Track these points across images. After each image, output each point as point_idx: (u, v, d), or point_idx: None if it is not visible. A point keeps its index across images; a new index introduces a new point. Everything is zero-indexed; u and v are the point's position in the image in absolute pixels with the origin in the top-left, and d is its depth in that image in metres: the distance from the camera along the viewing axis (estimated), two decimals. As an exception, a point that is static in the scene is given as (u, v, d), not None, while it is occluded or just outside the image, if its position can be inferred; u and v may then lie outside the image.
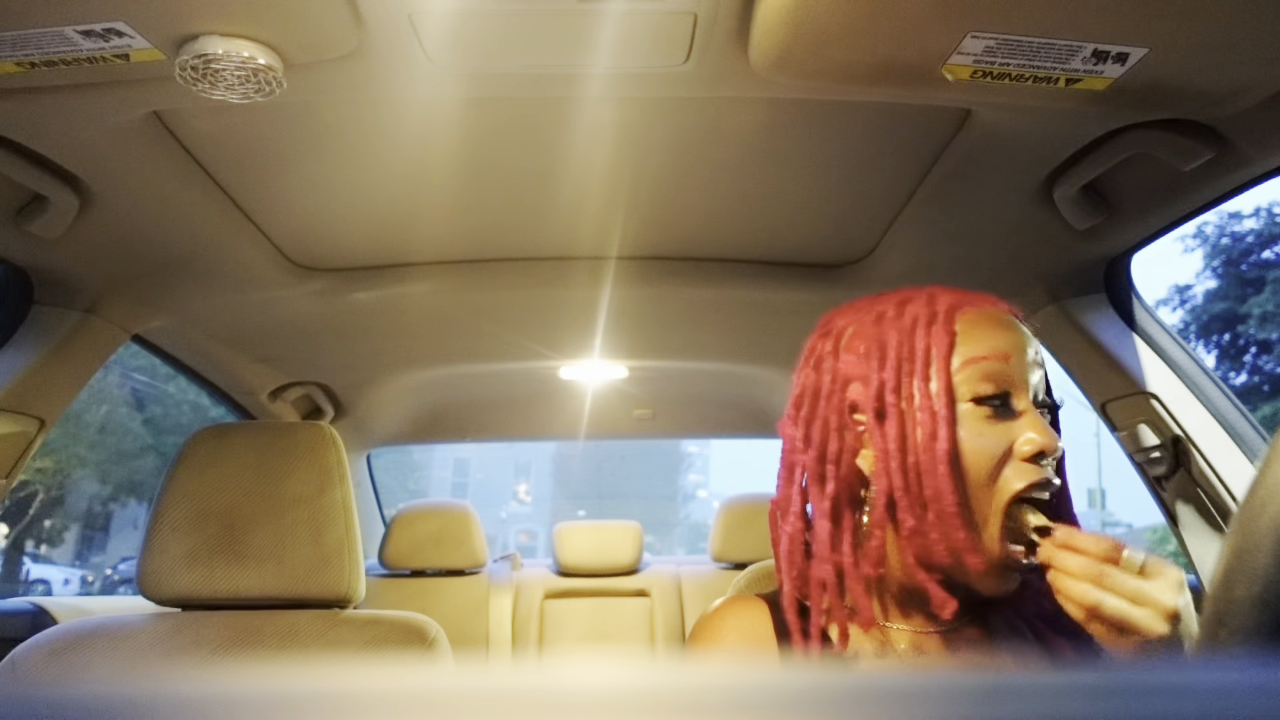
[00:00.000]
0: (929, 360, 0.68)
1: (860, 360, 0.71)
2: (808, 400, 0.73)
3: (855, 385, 0.70)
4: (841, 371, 0.71)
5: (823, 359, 0.74)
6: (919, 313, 0.71)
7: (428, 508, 2.36)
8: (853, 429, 0.70)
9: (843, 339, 0.73)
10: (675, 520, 30.25)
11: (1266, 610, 0.36)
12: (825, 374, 0.72)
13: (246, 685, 0.20)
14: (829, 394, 0.71)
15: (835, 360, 0.72)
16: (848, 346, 0.73)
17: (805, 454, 0.71)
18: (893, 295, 0.75)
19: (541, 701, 0.19)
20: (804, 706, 0.19)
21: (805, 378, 0.74)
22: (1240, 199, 15.12)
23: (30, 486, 12.18)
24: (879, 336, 0.71)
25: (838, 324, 0.76)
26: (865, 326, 0.73)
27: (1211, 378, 1.29)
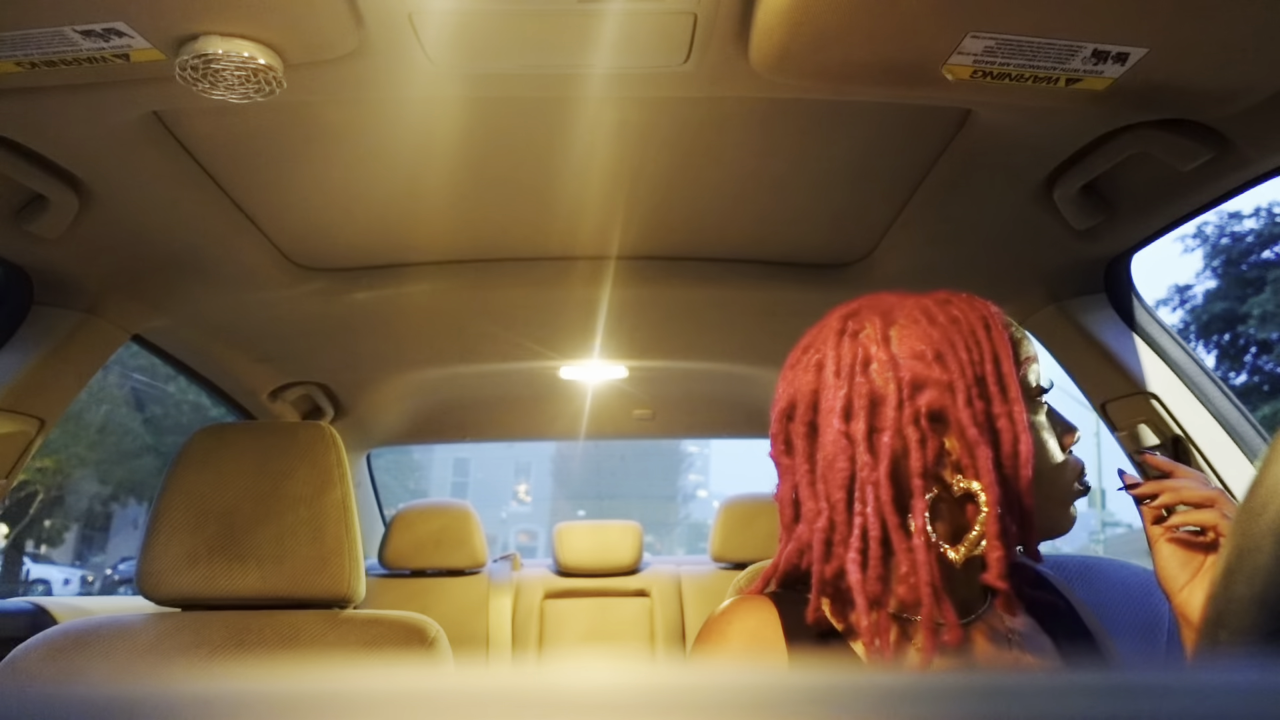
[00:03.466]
0: (999, 363, 0.67)
1: (929, 365, 0.66)
2: (864, 409, 0.66)
3: (930, 391, 0.66)
4: (907, 377, 0.66)
5: (869, 362, 0.68)
6: (970, 314, 0.69)
7: (428, 508, 2.36)
8: (934, 440, 0.66)
9: (890, 342, 0.68)
10: (675, 520, 30.26)
11: (1266, 610, 0.36)
12: (886, 380, 0.67)
13: (246, 685, 0.20)
14: (899, 402, 0.66)
15: (895, 366, 0.67)
16: (906, 351, 0.67)
17: (875, 471, 0.65)
18: (912, 296, 0.73)
19: (541, 701, 0.19)
20: (804, 706, 0.19)
21: (855, 385, 0.67)
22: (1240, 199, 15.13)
23: (30, 486, 12.18)
24: (941, 339, 0.67)
25: (864, 324, 0.71)
26: (915, 328, 0.68)
27: (1211, 378, 1.29)
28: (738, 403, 2.41)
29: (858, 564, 0.65)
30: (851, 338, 0.70)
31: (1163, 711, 0.20)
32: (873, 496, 0.65)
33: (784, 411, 0.73)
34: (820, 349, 0.72)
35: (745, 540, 2.29)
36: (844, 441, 0.67)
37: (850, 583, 0.65)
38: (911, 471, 0.65)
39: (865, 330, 0.70)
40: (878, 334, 0.69)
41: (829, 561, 0.67)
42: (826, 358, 0.70)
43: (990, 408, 0.66)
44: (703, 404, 2.44)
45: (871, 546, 0.65)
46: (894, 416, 0.66)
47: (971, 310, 0.70)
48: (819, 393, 0.70)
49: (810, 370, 0.71)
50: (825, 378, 0.69)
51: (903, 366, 0.67)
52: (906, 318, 0.70)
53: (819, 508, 0.68)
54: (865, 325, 0.70)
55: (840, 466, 0.67)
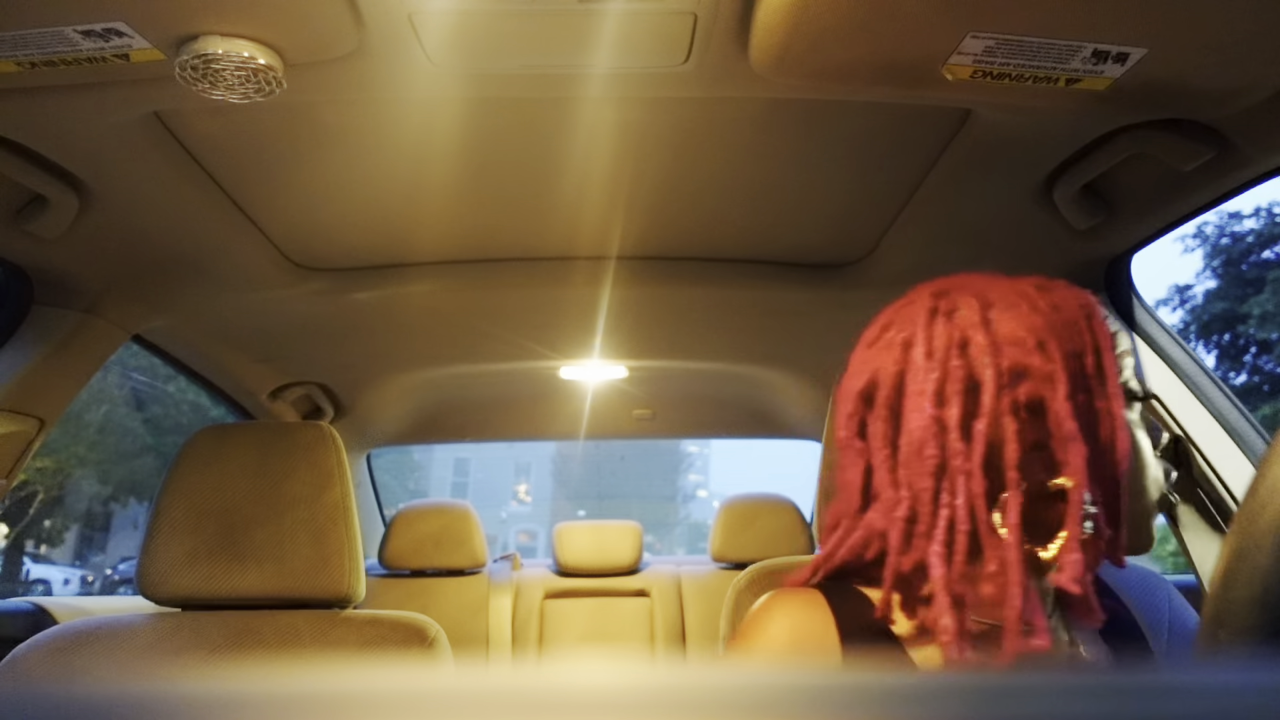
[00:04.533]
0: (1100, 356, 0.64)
1: (1029, 353, 0.62)
2: (958, 394, 0.61)
3: (1031, 382, 0.61)
4: (1006, 364, 0.61)
5: (966, 345, 0.63)
6: (1071, 302, 0.65)
7: (428, 508, 2.36)
8: (1030, 432, 0.61)
9: (989, 325, 0.63)
10: (675, 520, 30.25)
11: (1266, 610, 0.36)
12: (984, 365, 0.61)
13: (246, 685, 0.20)
14: (997, 389, 0.61)
15: (995, 350, 0.62)
16: (1005, 335, 0.62)
17: (968, 460, 0.60)
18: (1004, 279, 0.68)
19: (541, 701, 0.19)
20: (805, 707, 0.19)
21: (952, 369, 0.62)
22: (1240, 199, 15.13)
23: (30, 486, 12.18)
24: (1043, 326, 0.63)
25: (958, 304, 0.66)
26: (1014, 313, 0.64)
27: (1211, 378, 1.29)
28: (738, 403, 2.41)
29: (942, 558, 0.60)
30: (945, 318, 0.65)
31: (1163, 711, 0.20)
32: (964, 487, 0.60)
33: (862, 392, 0.67)
34: (906, 328, 0.67)
35: (745, 540, 2.29)
36: (935, 427, 0.62)
37: (932, 578, 0.60)
38: (1007, 463, 0.60)
39: (960, 311, 0.65)
40: (975, 316, 0.64)
41: (908, 553, 0.62)
42: (916, 337, 0.65)
43: (1091, 401, 0.62)
44: (703, 404, 2.44)
45: (958, 540, 0.60)
46: (991, 404, 0.61)
47: (1073, 298, 0.66)
48: (905, 374, 0.64)
49: (895, 349, 0.66)
50: (914, 358, 0.64)
51: (1003, 351, 0.62)
52: (1004, 301, 0.65)
53: (899, 495, 0.63)
54: (960, 306, 0.65)
55: (929, 454, 0.61)
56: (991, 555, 0.60)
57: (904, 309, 0.70)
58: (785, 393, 2.19)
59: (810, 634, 0.67)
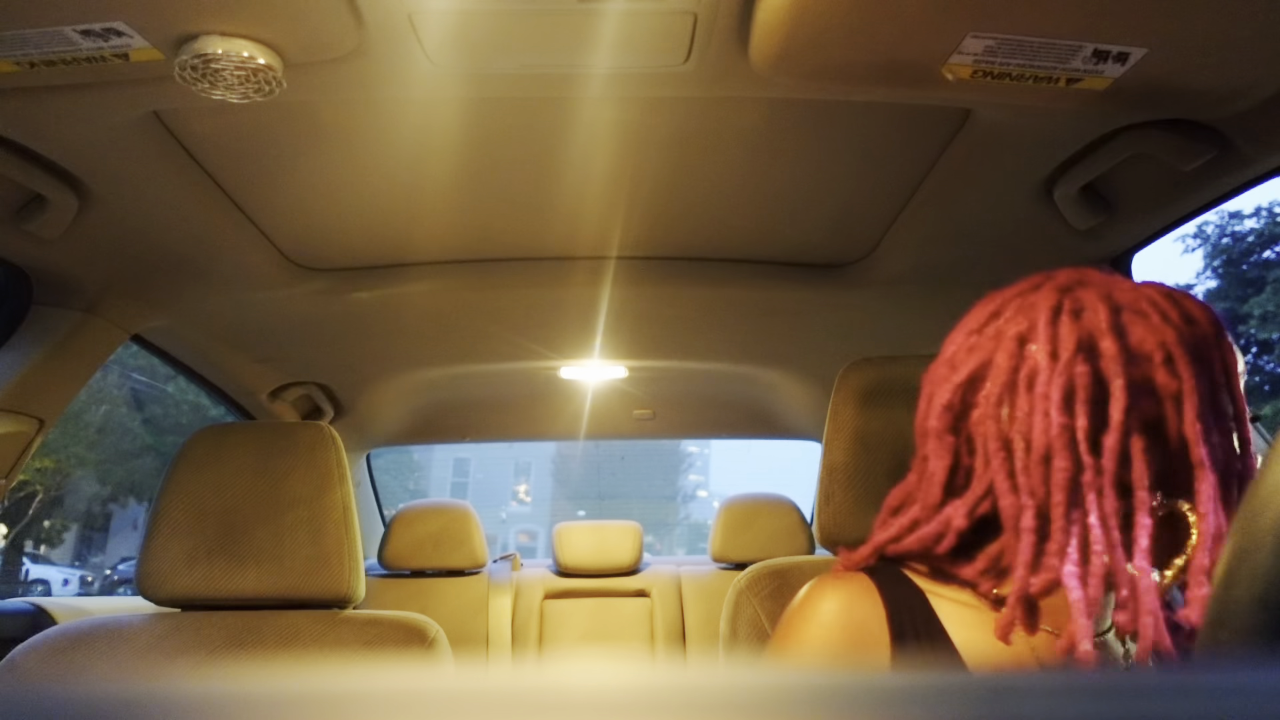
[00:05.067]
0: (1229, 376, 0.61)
1: (1158, 368, 0.58)
2: (1086, 403, 0.58)
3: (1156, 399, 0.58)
4: (1139, 377, 0.58)
5: (1095, 351, 0.59)
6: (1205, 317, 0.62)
7: (428, 508, 2.36)
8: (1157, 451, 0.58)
9: (1121, 332, 0.59)
10: (675, 520, 30.24)
11: (1268, 611, 0.36)
12: (1115, 375, 0.58)
13: (246, 685, 0.20)
14: (1128, 404, 0.57)
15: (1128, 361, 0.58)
16: (1134, 344, 0.59)
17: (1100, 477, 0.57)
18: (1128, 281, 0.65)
19: (541, 701, 0.19)
20: (804, 707, 0.19)
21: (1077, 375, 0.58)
22: (1240, 199, 15.12)
23: (30, 486, 12.18)
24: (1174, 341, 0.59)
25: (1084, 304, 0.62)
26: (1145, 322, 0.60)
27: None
28: (738, 403, 2.41)
29: (1079, 579, 0.56)
30: (1072, 317, 0.61)
31: (1163, 711, 0.20)
32: (1096, 505, 0.57)
33: (964, 384, 0.64)
34: (1022, 321, 0.63)
35: (745, 540, 2.29)
36: (1065, 437, 0.58)
37: (1071, 601, 0.56)
38: (1136, 483, 0.57)
39: (1087, 313, 0.61)
40: (1104, 321, 0.60)
41: (1039, 572, 0.58)
42: (1037, 334, 0.61)
43: (1221, 424, 0.59)
44: (703, 404, 2.44)
45: (1094, 563, 0.56)
46: (1121, 418, 0.57)
47: (1204, 313, 0.61)
48: (1022, 371, 0.61)
49: (1008, 342, 0.62)
50: (1034, 357, 0.60)
51: (1135, 363, 0.58)
52: (1134, 307, 0.61)
53: (1022, 503, 0.59)
54: (1087, 306, 0.61)
55: (1061, 465, 0.57)
56: (1122, 580, 0.57)
57: (1019, 299, 0.65)
58: (785, 393, 2.19)
59: (861, 621, 0.65)
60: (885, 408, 0.95)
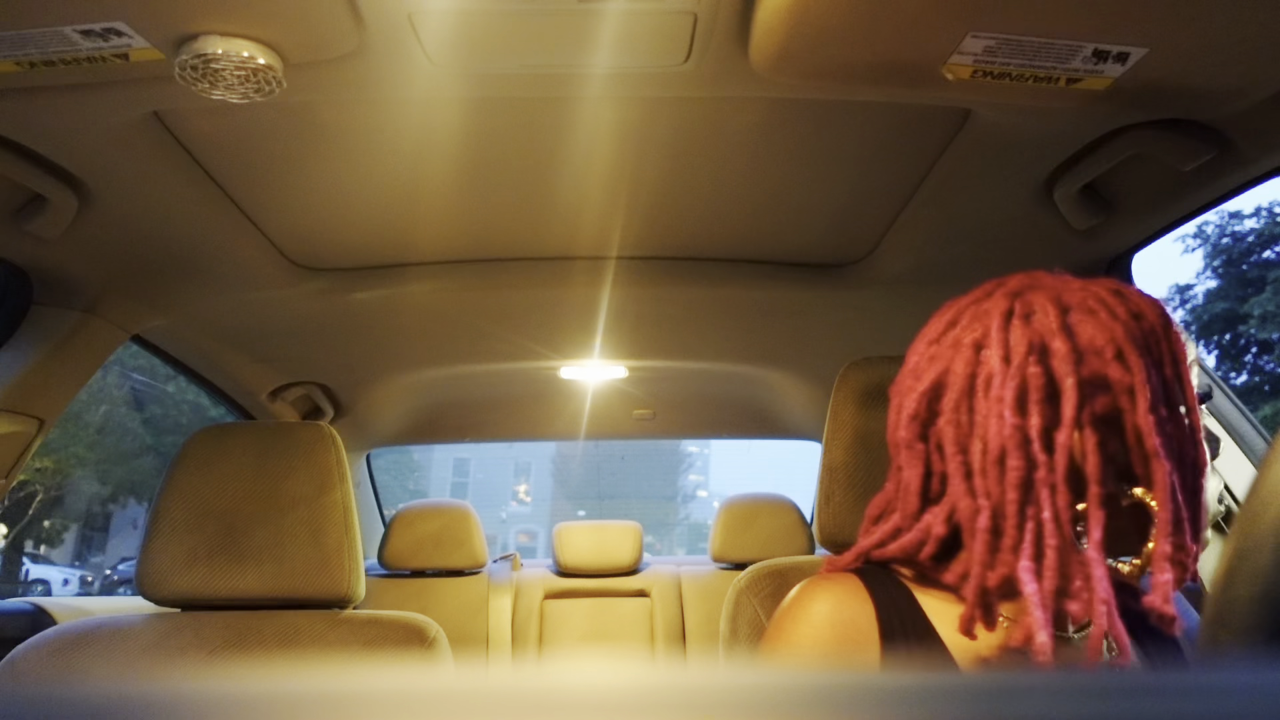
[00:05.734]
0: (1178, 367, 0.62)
1: (1109, 364, 0.60)
2: (1039, 403, 0.60)
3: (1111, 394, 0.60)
4: (1088, 374, 0.60)
5: (1046, 351, 0.61)
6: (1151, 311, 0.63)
7: (428, 508, 2.36)
8: (1111, 444, 0.60)
9: (1069, 332, 0.61)
10: (675, 520, 30.24)
11: (1268, 610, 0.36)
12: (1066, 374, 0.60)
13: (246, 685, 0.20)
14: (1079, 399, 0.59)
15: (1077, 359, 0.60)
16: (1084, 343, 0.61)
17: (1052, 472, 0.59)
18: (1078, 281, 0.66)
19: (541, 701, 0.19)
20: (804, 707, 0.19)
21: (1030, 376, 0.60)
22: (1240, 199, 15.12)
23: (30, 486, 12.18)
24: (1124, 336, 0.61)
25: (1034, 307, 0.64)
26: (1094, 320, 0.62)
27: (1212, 378, 1.29)
28: (738, 403, 2.41)
29: (1033, 573, 0.58)
30: (1023, 321, 0.63)
31: (1163, 711, 0.20)
32: (1049, 501, 0.59)
33: (927, 393, 0.66)
34: (977, 328, 0.65)
35: (745, 540, 2.29)
36: (1018, 436, 0.60)
37: (1026, 594, 0.59)
38: (1089, 477, 0.59)
39: (1037, 315, 0.63)
40: (1053, 321, 0.62)
41: (994, 568, 0.60)
42: (990, 339, 0.63)
43: (1172, 414, 0.61)
44: (703, 404, 2.44)
45: (1048, 556, 0.58)
46: (1072, 415, 0.59)
47: (1151, 307, 0.64)
48: (979, 377, 0.63)
49: (965, 350, 0.64)
50: (989, 361, 0.63)
51: (1084, 360, 0.60)
52: (1083, 306, 0.63)
53: (978, 505, 0.61)
54: (1037, 308, 0.63)
55: (1014, 464, 0.60)
56: (1076, 571, 0.58)
57: (975, 306, 0.67)
58: (785, 393, 2.19)
59: (851, 620, 0.66)
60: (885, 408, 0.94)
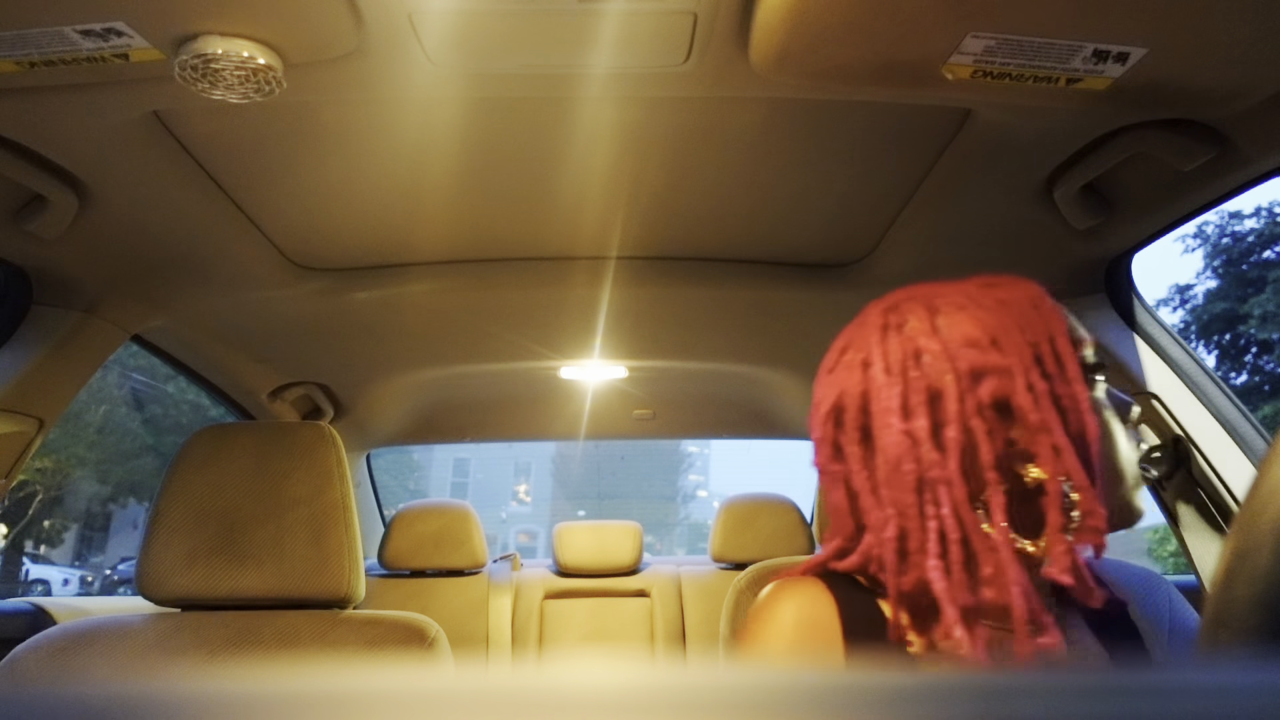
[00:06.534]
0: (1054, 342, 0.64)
1: (986, 351, 0.63)
2: (923, 404, 0.62)
3: (992, 379, 0.62)
4: (964, 366, 0.62)
5: (921, 354, 0.64)
6: (1018, 294, 0.66)
7: (428, 508, 2.36)
8: (1001, 430, 0.62)
9: (940, 332, 0.64)
10: (675, 520, 30.25)
11: (1267, 611, 0.36)
12: (943, 372, 0.63)
13: (246, 685, 0.20)
14: (960, 393, 0.62)
15: (950, 356, 0.63)
16: (958, 339, 0.64)
17: (945, 469, 0.61)
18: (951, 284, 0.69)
19: (541, 701, 0.19)
20: (804, 707, 0.19)
21: (912, 380, 0.63)
22: (1240, 199, 15.13)
23: (30, 486, 12.19)
24: (994, 323, 0.64)
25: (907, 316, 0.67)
26: (964, 314, 0.65)
27: (1212, 378, 1.29)
28: (738, 403, 2.41)
29: (941, 570, 0.60)
30: (897, 331, 0.66)
31: (1163, 711, 0.20)
32: (947, 496, 0.61)
33: (829, 415, 0.68)
34: (863, 347, 0.68)
35: (745, 540, 2.29)
36: (907, 441, 0.62)
37: (936, 592, 0.60)
38: (983, 464, 0.61)
39: (910, 322, 0.66)
40: (925, 325, 0.65)
41: (906, 573, 0.62)
42: (872, 356, 0.66)
43: (1053, 388, 0.62)
44: (703, 404, 2.44)
45: (952, 550, 0.60)
46: (957, 409, 0.61)
47: (1019, 290, 0.67)
48: (869, 393, 0.65)
49: (855, 370, 0.67)
50: (874, 376, 0.65)
51: (958, 355, 0.63)
52: (952, 305, 0.66)
53: (886, 515, 0.63)
54: (909, 317, 0.66)
55: (906, 469, 0.62)
56: (986, 559, 0.60)
57: (857, 329, 0.70)
58: (785, 393, 2.19)
59: (816, 623, 0.67)
60: None
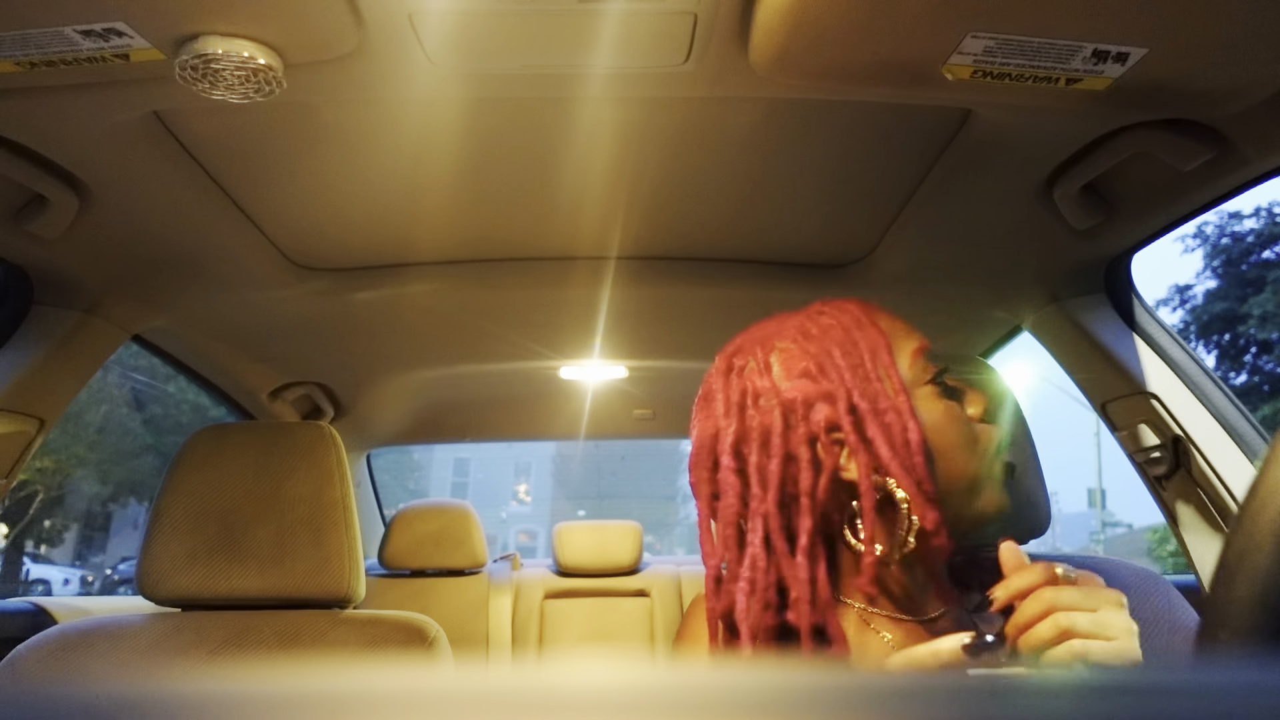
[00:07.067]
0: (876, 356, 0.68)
1: (815, 380, 0.67)
2: (757, 444, 0.66)
3: (821, 406, 0.66)
4: (798, 399, 0.66)
5: (757, 395, 0.68)
6: (841, 317, 0.71)
7: (428, 508, 2.36)
8: (833, 453, 0.66)
9: (772, 369, 0.69)
10: (675, 520, 30.24)
11: (1267, 610, 0.36)
12: (771, 409, 0.67)
13: (246, 685, 0.20)
14: (784, 428, 0.66)
15: (778, 392, 0.67)
16: (792, 373, 0.68)
17: (764, 501, 0.65)
18: (788, 317, 0.74)
19: (541, 701, 0.19)
20: (804, 707, 0.19)
21: (749, 420, 0.67)
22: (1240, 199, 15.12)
23: (30, 486, 12.19)
24: (819, 352, 0.68)
25: (747, 358, 0.71)
26: (794, 348, 0.69)
27: (1212, 378, 1.29)
28: (738, 403, 2.41)
29: (746, 594, 0.65)
30: (738, 375, 0.70)
31: (1163, 711, 0.20)
32: (761, 526, 0.65)
33: (692, 461, 0.72)
34: (713, 393, 0.72)
35: None
36: (733, 478, 0.67)
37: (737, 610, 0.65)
38: (801, 491, 0.65)
39: (749, 364, 0.70)
40: (760, 364, 0.70)
41: (720, 598, 0.67)
42: (717, 400, 0.70)
43: (877, 404, 0.66)
44: None
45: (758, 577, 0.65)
46: (780, 443, 0.66)
47: (842, 313, 0.71)
48: (717, 436, 0.69)
49: (709, 416, 0.71)
50: (719, 420, 0.69)
51: (787, 391, 0.67)
52: (785, 340, 0.70)
53: (712, 550, 0.68)
54: (748, 359, 0.71)
55: (729, 503, 0.67)
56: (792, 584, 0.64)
57: (713, 376, 0.73)
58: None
59: None
60: None
